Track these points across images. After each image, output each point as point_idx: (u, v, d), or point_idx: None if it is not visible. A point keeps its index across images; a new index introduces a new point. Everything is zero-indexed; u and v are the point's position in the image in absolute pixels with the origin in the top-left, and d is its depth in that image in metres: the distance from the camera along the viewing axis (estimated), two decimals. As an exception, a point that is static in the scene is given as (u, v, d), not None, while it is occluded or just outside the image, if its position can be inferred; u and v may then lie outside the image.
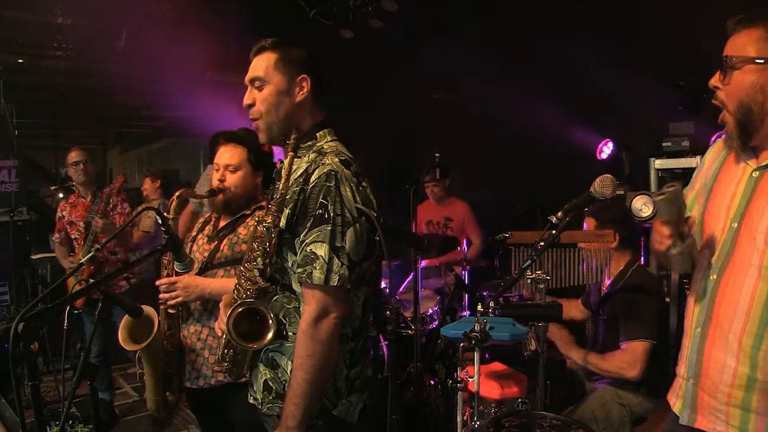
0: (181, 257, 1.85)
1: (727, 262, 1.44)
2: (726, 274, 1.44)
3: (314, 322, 1.45)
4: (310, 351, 1.44)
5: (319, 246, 1.45)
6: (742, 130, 1.40)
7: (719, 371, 1.43)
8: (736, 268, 1.42)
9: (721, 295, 1.44)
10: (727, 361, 1.41)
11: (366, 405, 1.61)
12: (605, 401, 2.51)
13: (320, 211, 1.46)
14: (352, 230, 1.48)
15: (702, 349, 1.47)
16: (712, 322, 1.45)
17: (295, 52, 1.60)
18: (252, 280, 1.55)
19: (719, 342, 1.43)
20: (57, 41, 5.05)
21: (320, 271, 1.44)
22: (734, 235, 1.43)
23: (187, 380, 2.19)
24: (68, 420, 3.37)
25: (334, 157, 1.52)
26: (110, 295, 1.71)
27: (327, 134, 1.63)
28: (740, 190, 1.45)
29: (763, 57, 1.35)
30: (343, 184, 1.48)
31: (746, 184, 1.44)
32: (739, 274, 1.41)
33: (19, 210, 5.18)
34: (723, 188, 1.49)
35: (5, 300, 5.20)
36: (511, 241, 2.37)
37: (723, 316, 1.43)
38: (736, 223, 1.43)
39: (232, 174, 2.19)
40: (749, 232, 1.40)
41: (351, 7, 4.46)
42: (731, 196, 1.46)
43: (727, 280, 1.43)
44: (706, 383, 1.46)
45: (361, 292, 1.57)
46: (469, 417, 2.09)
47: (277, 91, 1.57)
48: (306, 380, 1.44)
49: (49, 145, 10.03)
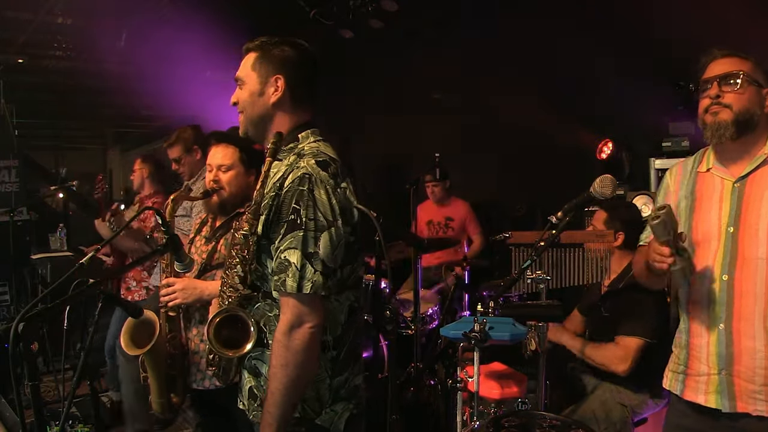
0: (181, 257, 1.85)
1: (734, 261, 1.61)
2: (737, 272, 1.60)
3: (288, 331, 1.41)
4: (283, 361, 1.40)
5: (291, 252, 1.41)
6: (738, 128, 1.60)
7: (752, 357, 1.58)
8: (746, 264, 1.59)
9: (738, 292, 1.60)
10: (756, 346, 1.58)
11: (353, 414, 1.56)
12: (606, 401, 2.51)
13: (293, 216, 1.42)
14: (327, 235, 1.43)
15: (731, 342, 1.61)
16: (735, 316, 1.60)
17: (275, 51, 1.57)
18: (234, 287, 1.53)
19: (746, 332, 1.59)
20: (57, 41, 5.05)
21: (292, 279, 1.40)
22: (733, 237, 1.61)
23: (193, 382, 2.20)
24: (68, 420, 3.37)
25: (310, 159, 1.47)
26: (110, 296, 1.71)
27: (310, 135, 1.59)
28: (726, 201, 1.64)
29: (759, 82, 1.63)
30: (318, 187, 1.44)
31: (731, 194, 1.64)
32: (749, 268, 1.59)
33: (19, 210, 5.18)
34: (706, 202, 1.69)
35: (5, 300, 5.20)
36: (511, 241, 2.37)
37: (745, 309, 1.59)
38: (732, 227, 1.62)
39: (225, 174, 2.19)
40: (749, 231, 1.59)
41: (351, 7, 4.46)
42: (718, 207, 1.65)
43: (740, 276, 1.60)
44: (740, 370, 1.60)
45: (344, 298, 1.52)
46: (469, 417, 2.09)
47: (251, 91, 1.56)
48: (279, 390, 1.41)
49: (49, 145, 10.02)
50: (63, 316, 2.03)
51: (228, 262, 1.56)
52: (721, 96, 1.63)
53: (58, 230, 5.47)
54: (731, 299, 1.61)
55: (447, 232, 4.71)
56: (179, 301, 2.07)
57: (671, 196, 1.79)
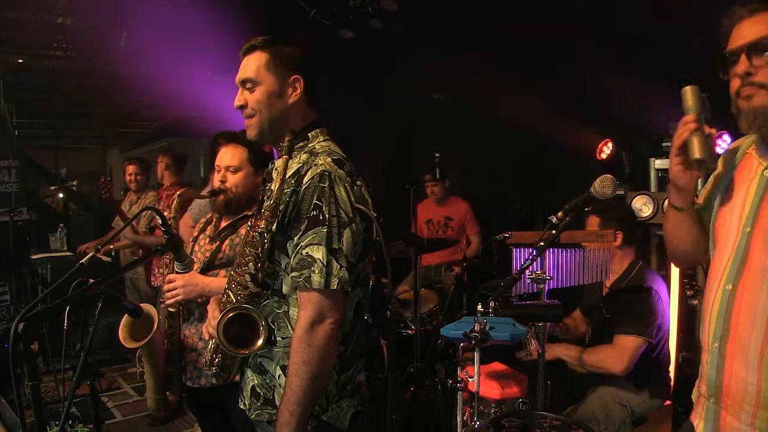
0: (181, 257, 1.85)
1: (741, 270, 1.32)
2: (741, 283, 1.31)
3: (310, 327, 1.41)
4: (306, 357, 1.40)
5: (315, 249, 1.41)
6: None
7: (741, 389, 1.29)
8: (752, 276, 1.30)
9: (738, 307, 1.31)
10: (748, 377, 1.27)
11: (358, 410, 1.57)
12: (606, 401, 2.51)
13: (315, 212, 1.42)
14: (349, 231, 1.44)
15: (722, 365, 1.33)
16: (730, 336, 1.32)
17: (287, 51, 1.55)
18: (243, 284, 1.53)
19: (739, 357, 1.29)
20: (57, 41, 5.04)
21: (319, 275, 1.40)
22: (747, 240, 1.32)
23: (189, 379, 2.19)
24: (68, 420, 3.37)
25: (327, 157, 1.48)
26: (110, 296, 1.71)
27: (319, 134, 1.59)
28: (752, 191, 1.34)
29: None
30: (337, 184, 1.45)
31: (758, 185, 1.33)
32: (755, 282, 1.29)
33: (19, 210, 5.19)
34: (735, 191, 1.39)
35: (5, 300, 5.20)
36: (511, 241, 2.37)
37: (742, 329, 1.29)
38: (749, 227, 1.32)
39: (233, 175, 2.19)
40: (762, 236, 1.30)
41: (351, 7, 4.46)
42: (743, 198, 1.36)
43: (743, 289, 1.30)
44: (728, 403, 1.32)
45: (354, 294, 1.53)
46: (469, 417, 2.09)
47: (268, 92, 1.53)
48: (301, 387, 1.41)
49: (49, 145, 10.04)
50: (63, 316, 2.04)
51: (239, 260, 1.56)
52: (754, 73, 1.26)
53: (58, 230, 5.48)
54: (729, 314, 1.32)
55: (446, 231, 4.72)
56: (181, 297, 2.07)
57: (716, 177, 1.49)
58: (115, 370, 4.97)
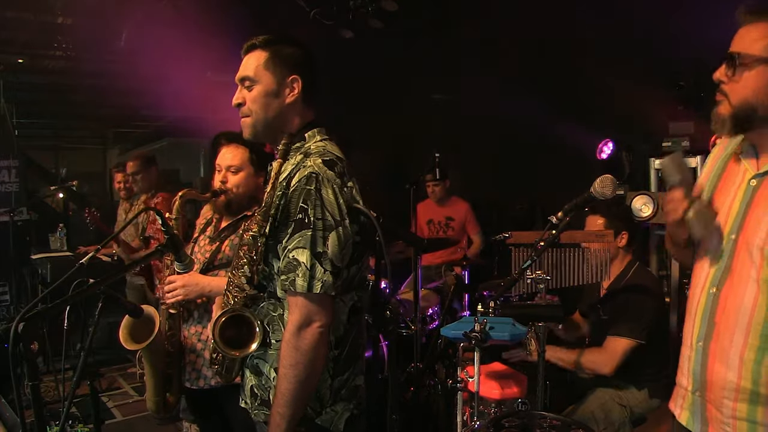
0: (181, 257, 1.85)
1: (726, 275, 1.41)
2: (726, 287, 1.41)
3: (297, 331, 1.41)
4: (293, 361, 1.41)
5: (300, 252, 1.41)
6: (736, 124, 1.36)
7: (722, 387, 1.40)
8: (736, 281, 1.39)
9: (721, 309, 1.41)
10: (728, 376, 1.38)
11: (354, 414, 1.56)
12: (605, 402, 2.51)
13: (300, 215, 1.42)
14: (335, 234, 1.43)
15: (705, 363, 1.44)
16: (713, 337, 1.42)
17: (286, 50, 1.55)
18: (240, 287, 1.53)
19: (720, 356, 1.40)
20: (57, 41, 5.04)
21: (303, 279, 1.40)
22: (732, 247, 1.40)
23: (187, 381, 2.19)
24: (68, 420, 3.37)
25: (317, 158, 1.47)
26: (110, 295, 1.71)
27: (316, 134, 1.58)
28: (738, 199, 1.41)
29: None
30: (325, 186, 1.43)
31: (744, 192, 1.41)
32: (739, 287, 1.38)
33: (19, 210, 5.19)
34: (722, 197, 1.46)
35: (5, 300, 5.20)
36: (511, 241, 2.36)
37: (724, 331, 1.40)
38: (734, 234, 1.40)
39: (234, 175, 2.19)
40: (746, 244, 1.37)
41: (351, 7, 4.46)
42: (729, 204, 1.43)
43: (728, 293, 1.40)
44: (711, 397, 1.43)
45: (348, 298, 1.52)
46: (469, 417, 2.09)
47: (266, 91, 1.53)
48: (290, 390, 1.41)
49: (49, 145, 10.03)
50: (63, 316, 2.04)
51: (235, 263, 1.56)
52: (725, 81, 1.36)
53: (58, 230, 5.48)
54: (713, 316, 1.42)
55: (447, 231, 4.72)
56: (181, 297, 2.07)
57: (704, 176, 1.55)
58: (115, 370, 4.98)
